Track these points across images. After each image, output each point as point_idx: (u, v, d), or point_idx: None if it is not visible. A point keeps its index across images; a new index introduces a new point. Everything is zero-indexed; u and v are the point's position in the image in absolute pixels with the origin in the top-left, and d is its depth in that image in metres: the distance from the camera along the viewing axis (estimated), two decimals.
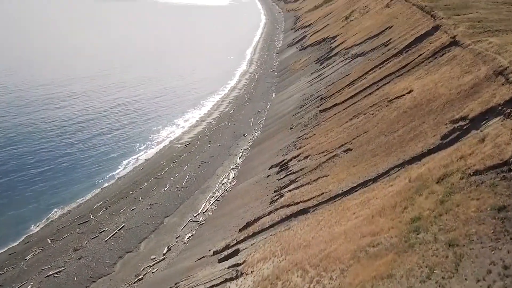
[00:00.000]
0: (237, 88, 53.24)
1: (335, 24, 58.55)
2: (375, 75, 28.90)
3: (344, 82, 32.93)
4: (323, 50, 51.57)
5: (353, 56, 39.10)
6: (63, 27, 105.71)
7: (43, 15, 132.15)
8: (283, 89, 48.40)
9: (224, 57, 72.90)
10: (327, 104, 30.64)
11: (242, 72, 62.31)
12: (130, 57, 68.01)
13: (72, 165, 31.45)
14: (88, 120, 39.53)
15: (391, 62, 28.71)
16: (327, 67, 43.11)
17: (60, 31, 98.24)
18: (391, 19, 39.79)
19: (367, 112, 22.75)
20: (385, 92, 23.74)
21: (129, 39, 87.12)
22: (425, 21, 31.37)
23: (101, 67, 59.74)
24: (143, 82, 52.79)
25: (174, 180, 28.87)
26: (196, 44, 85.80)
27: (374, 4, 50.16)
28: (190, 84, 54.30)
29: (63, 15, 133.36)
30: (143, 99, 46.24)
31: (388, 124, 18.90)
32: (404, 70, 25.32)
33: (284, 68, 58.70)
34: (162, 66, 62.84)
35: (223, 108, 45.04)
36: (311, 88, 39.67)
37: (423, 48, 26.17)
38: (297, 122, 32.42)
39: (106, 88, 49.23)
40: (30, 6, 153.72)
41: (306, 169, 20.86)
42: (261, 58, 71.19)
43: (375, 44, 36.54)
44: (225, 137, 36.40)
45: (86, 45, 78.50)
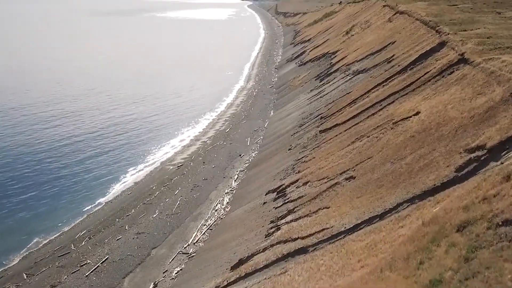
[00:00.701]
0: (234, 105, 52.20)
1: (336, 39, 57.91)
2: (378, 93, 27.76)
3: (345, 100, 31.80)
4: (323, 66, 50.74)
5: (355, 72, 38.12)
6: (54, 43, 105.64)
7: (36, 31, 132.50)
8: (281, 106, 47.34)
9: (222, 72, 72.26)
10: (327, 124, 29.41)
11: (239, 88, 61.45)
12: (124, 74, 67.23)
13: (58, 191, 30.01)
14: (77, 141, 38.22)
15: (395, 80, 27.61)
16: (327, 84, 42.13)
17: (52, 47, 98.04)
18: (394, 34, 38.97)
19: (371, 134, 21.47)
20: (390, 113, 22.52)
21: (123, 55, 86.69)
22: (429, 37, 30.44)
23: (93, 85, 58.90)
24: (137, 100, 51.74)
25: (164, 206, 27.40)
26: (193, 59, 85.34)
27: (375, 19, 49.54)
28: (185, 101, 53.31)
29: (56, 31, 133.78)
30: (137, 118, 45.00)
31: (394, 150, 17.59)
32: (409, 89, 24.17)
33: (283, 84, 57.84)
34: (157, 83, 61.97)
35: (219, 126, 43.86)
36: (311, 106, 38.56)
37: (429, 65, 25.09)
38: (295, 142, 31.16)
39: (98, 107, 48.11)
40: (24, 21, 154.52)
41: (305, 197, 19.46)
42: (260, 73, 70.50)
43: (378, 60, 35.59)
44: (220, 158, 35.07)
45: (78, 61, 78.01)
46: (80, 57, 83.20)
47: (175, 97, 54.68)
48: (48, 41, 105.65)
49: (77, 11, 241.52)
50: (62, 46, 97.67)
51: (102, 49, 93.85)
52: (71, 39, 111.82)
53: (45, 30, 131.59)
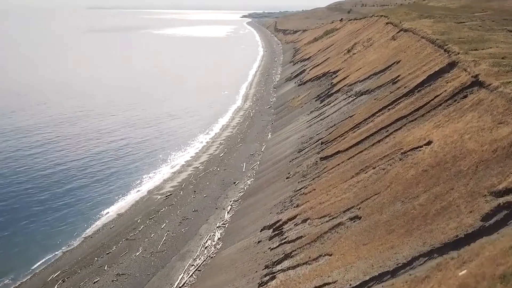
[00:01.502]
0: (230, 127, 50.76)
1: (337, 58, 56.98)
2: (383, 118, 26.25)
3: (348, 124, 30.28)
4: (323, 86, 49.54)
5: (357, 93, 36.79)
6: (44, 61, 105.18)
7: (26, 49, 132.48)
8: (280, 129, 45.88)
9: (218, 92, 71.22)
10: (328, 151, 27.80)
11: (236, 108, 60.18)
12: (116, 95, 65.99)
13: (34, 226, 28.13)
14: (60, 170, 36.43)
15: (402, 103, 26.15)
16: (328, 106, 40.76)
17: (41, 65, 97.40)
18: (398, 53, 37.84)
19: (377, 165, 19.81)
20: (397, 141, 20.92)
21: (115, 74, 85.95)
22: (437, 56, 29.18)
23: (81, 107, 57.46)
24: (127, 124, 50.03)
25: (148, 243, 25.49)
26: (188, 78, 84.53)
27: (378, 37, 48.63)
28: (179, 123, 51.84)
29: (47, 49, 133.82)
30: (127, 144, 43.15)
31: (405, 186, 15.90)
32: (418, 114, 22.65)
33: (281, 104, 56.59)
34: (150, 104, 60.62)
35: (213, 151, 42.25)
36: (311, 130, 37.05)
37: (439, 88, 23.66)
38: (294, 170, 29.47)
39: (85, 133, 46.30)
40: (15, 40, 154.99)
41: (305, 238, 17.65)
42: (257, 93, 69.43)
43: (382, 81, 34.30)
44: (213, 186, 33.31)
45: (67, 81, 77.04)
46: (69, 76, 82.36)
47: (168, 119, 53.23)
48: (38, 60, 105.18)
49: (72, 28, 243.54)
50: (51, 65, 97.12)
51: (93, 68, 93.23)
52: (61, 57, 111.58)
53: (35, 48, 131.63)
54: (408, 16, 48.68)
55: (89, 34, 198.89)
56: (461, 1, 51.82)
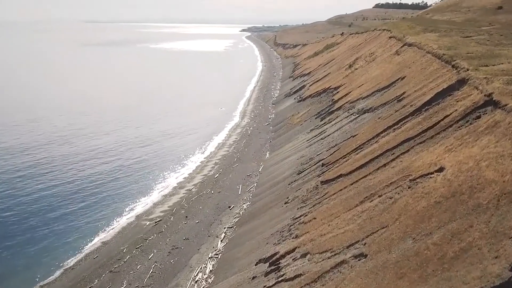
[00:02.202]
0: (226, 145, 49.51)
1: (338, 73, 56.15)
2: (388, 139, 25.00)
3: (350, 145, 29.03)
4: (324, 103, 48.53)
5: (360, 111, 35.67)
6: (37, 75, 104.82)
7: (18, 63, 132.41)
8: (278, 148, 44.63)
9: (215, 108, 70.29)
10: (330, 174, 26.45)
11: (233, 125, 59.10)
12: (108, 113, 64.65)
13: (14, 256, 26.53)
14: (46, 195, 34.77)
15: (409, 123, 24.94)
16: (329, 124, 39.62)
17: (33, 80, 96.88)
18: (403, 69, 36.89)
19: (383, 193, 18.46)
20: (405, 166, 19.62)
21: (110, 90, 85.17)
22: (445, 72, 28.16)
23: (73, 126, 55.87)
24: (120, 144, 48.42)
25: (134, 275, 23.91)
26: (184, 94, 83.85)
27: (381, 51, 47.83)
28: (173, 142, 50.58)
29: (40, 63, 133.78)
30: (118, 166, 41.52)
31: (416, 220, 14.52)
32: (426, 136, 21.40)
33: (280, 121, 55.51)
34: (143, 122, 59.30)
35: (208, 171, 40.90)
36: (311, 150, 35.79)
37: (449, 107, 22.48)
38: (293, 194, 28.08)
39: (76, 154, 44.58)
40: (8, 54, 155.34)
41: (304, 277, 16.17)
42: (255, 109, 68.48)
43: (386, 98, 33.22)
44: (206, 211, 31.85)
45: (58, 98, 76.16)
46: (61, 92, 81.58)
47: (162, 138, 51.92)
48: (28, 74, 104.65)
49: (67, 42, 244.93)
50: (42, 80, 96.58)
51: (86, 83, 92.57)
52: (53, 72, 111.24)
53: (26, 62, 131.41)
54: (412, 30, 47.99)
55: (84, 48, 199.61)
56: (466, 15, 51.26)
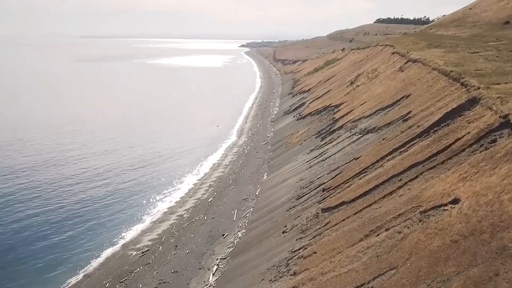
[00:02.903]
0: (222, 166, 48.07)
1: (339, 90, 55.14)
2: (394, 163, 23.62)
3: (353, 168, 27.61)
4: (324, 121, 47.32)
5: (362, 131, 34.39)
6: (27, 92, 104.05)
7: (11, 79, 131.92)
8: (276, 169, 43.21)
9: (211, 126, 69.13)
10: (331, 201, 24.98)
11: (229, 145, 57.76)
12: (100, 133, 62.51)
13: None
14: (29, 225, 32.52)
15: (416, 145, 23.60)
16: (330, 144, 38.30)
17: (23, 97, 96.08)
18: (408, 86, 35.78)
19: (390, 226, 16.98)
20: (414, 195, 18.18)
21: (102, 108, 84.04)
22: (454, 91, 26.98)
23: (60, 148, 53.98)
24: (111, 167, 46.21)
25: None
26: (179, 111, 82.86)
27: (384, 67, 46.87)
28: (165, 163, 48.97)
29: (34, 78, 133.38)
30: (107, 192, 39.36)
31: (430, 262, 13.01)
32: (437, 161, 20.03)
33: (279, 141, 54.22)
34: (137, 142, 57.51)
35: (201, 194, 39.35)
36: (311, 172, 34.35)
37: (460, 129, 21.16)
38: (292, 223, 26.53)
39: (63, 178, 42.52)
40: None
41: None
42: (253, 127, 67.29)
43: (390, 117, 31.97)
44: (198, 239, 30.20)
45: (47, 117, 74.89)
46: (50, 110, 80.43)
47: (154, 159, 50.19)
48: (19, 91, 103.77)
49: (62, 57, 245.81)
50: (32, 97, 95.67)
51: (77, 101, 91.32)
52: (44, 88, 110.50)
53: (18, 78, 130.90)
54: (415, 45, 47.16)
55: (79, 63, 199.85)
56: (472, 30, 50.55)
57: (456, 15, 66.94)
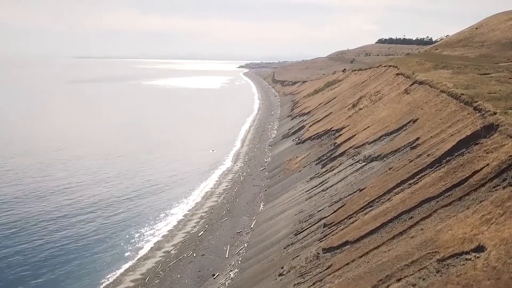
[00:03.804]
0: (215, 195, 46.06)
1: (340, 113, 53.67)
2: (404, 196, 21.73)
3: (357, 201, 25.70)
4: (325, 147, 45.61)
5: (366, 159, 32.61)
6: (14, 115, 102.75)
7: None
8: (274, 198, 41.25)
9: (205, 150, 67.38)
10: (333, 239, 22.96)
11: (224, 171, 55.90)
12: (86, 162, 58.99)
13: None
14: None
15: (428, 177, 21.76)
16: (331, 172, 36.47)
17: (10, 121, 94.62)
18: (414, 110, 34.22)
19: (402, 276, 14.99)
20: (429, 237, 16.24)
21: (89, 133, 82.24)
22: (466, 116, 25.34)
23: (43, 178, 51.36)
24: (96, 200, 43.11)
25: None
26: (173, 135, 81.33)
27: (388, 89, 45.48)
28: (155, 192, 46.73)
29: (23, 100, 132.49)
30: (91, 228, 36.60)
31: None
32: (452, 196, 18.15)
33: (277, 166, 52.39)
34: (126, 170, 54.82)
35: (191, 227, 37.25)
36: (310, 204, 32.39)
37: (477, 159, 19.38)
38: (289, 263, 24.44)
39: (43, 214, 39.80)
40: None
41: None
42: (250, 152, 65.58)
43: (397, 144, 30.24)
44: (185, 280, 28.00)
45: (32, 142, 73.02)
46: (35, 135, 78.68)
47: (143, 188, 47.75)
48: (6, 114, 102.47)
49: (55, 78, 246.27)
50: (19, 121, 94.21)
51: (64, 126, 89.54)
52: (32, 111, 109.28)
53: (5, 100, 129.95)
54: (421, 66, 45.93)
55: (70, 85, 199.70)
56: (480, 50, 49.49)
57: (462, 34, 66.22)
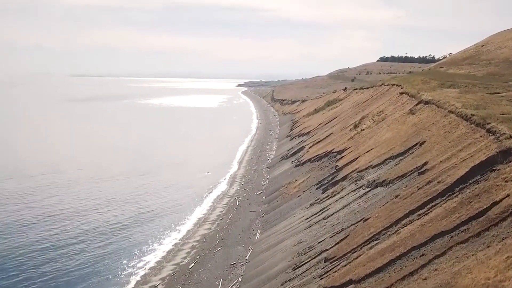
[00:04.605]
0: (208, 222, 44.17)
1: (341, 134, 52.27)
2: (413, 229, 20.03)
3: (361, 233, 23.96)
4: (326, 170, 44.01)
5: (370, 184, 30.98)
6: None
7: None
8: (271, 226, 39.43)
9: (200, 172, 65.69)
10: (335, 277, 21.14)
11: (219, 195, 54.11)
12: (69, 190, 54.94)
13: None
14: None
15: (439, 207, 20.11)
16: (333, 198, 34.78)
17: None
18: (421, 131, 32.77)
19: None
20: (444, 281, 14.55)
21: (77, 156, 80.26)
22: (479, 139, 23.88)
23: (22, 207, 48.28)
24: (78, 234, 39.52)
25: None
26: (167, 155, 79.77)
27: (391, 109, 44.17)
28: (144, 220, 44.09)
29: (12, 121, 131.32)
30: (72, 262, 34.40)
31: None
32: (469, 232, 16.50)
33: (275, 190, 50.66)
34: (114, 198, 51.40)
35: (181, 259, 35.27)
36: (310, 233, 30.60)
37: (495, 188, 17.82)
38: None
39: (20, 249, 36.95)
40: None
41: None
42: (247, 174, 63.89)
43: (403, 168, 28.66)
44: None
45: (15, 167, 70.99)
46: (20, 157, 77.04)
47: (133, 217, 44.30)
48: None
49: (49, 97, 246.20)
50: (4, 142, 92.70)
51: (50, 148, 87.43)
52: (20, 132, 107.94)
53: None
54: (426, 85, 44.75)
55: (65, 104, 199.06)
56: (487, 68, 48.46)
57: (467, 52, 65.45)
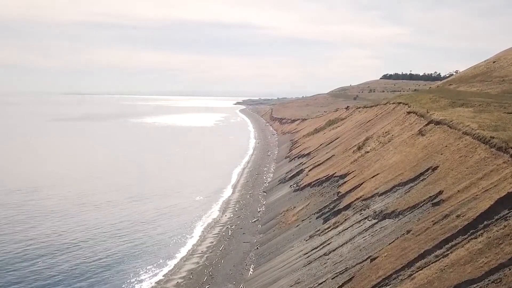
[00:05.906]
0: (197, 254, 41.28)
1: (344, 156, 49.80)
2: (430, 275, 17.38)
3: (368, 275, 21.26)
4: (327, 196, 41.42)
5: (377, 215, 28.38)
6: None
7: None
8: (266, 260, 36.65)
9: (191, 197, 62.91)
10: None
11: (210, 223, 51.29)
12: (49, 219, 51.82)
13: None
14: None
15: (461, 248, 17.54)
16: (335, 229, 32.11)
17: None
18: (432, 155, 30.34)
19: None
20: None
21: (63, 179, 77.64)
22: (502, 165, 21.54)
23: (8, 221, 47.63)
24: (59, 263, 38.09)
25: None
26: (156, 178, 77.13)
27: (398, 130, 41.83)
28: (124, 256, 40.56)
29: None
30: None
31: None
32: (503, 284, 13.85)
33: (271, 218, 47.96)
34: (92, 225, 48.78)
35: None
36: (310, 272, 27.82)
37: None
38: None
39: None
40: None
41: None
42: (242, 199, 61.14)
43: (414, 198, 26.11)
44: None
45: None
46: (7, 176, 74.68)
47: (114, 254, 40.73)
48: None
49: (41, 115, 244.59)
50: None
51: (40, 168, 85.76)
52: (7, 151, 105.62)
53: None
54: (435, 103, 42.55)
55: (56, 123, 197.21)
56: (501, 86, 46.40)
57: (478, 69, 63.59)
